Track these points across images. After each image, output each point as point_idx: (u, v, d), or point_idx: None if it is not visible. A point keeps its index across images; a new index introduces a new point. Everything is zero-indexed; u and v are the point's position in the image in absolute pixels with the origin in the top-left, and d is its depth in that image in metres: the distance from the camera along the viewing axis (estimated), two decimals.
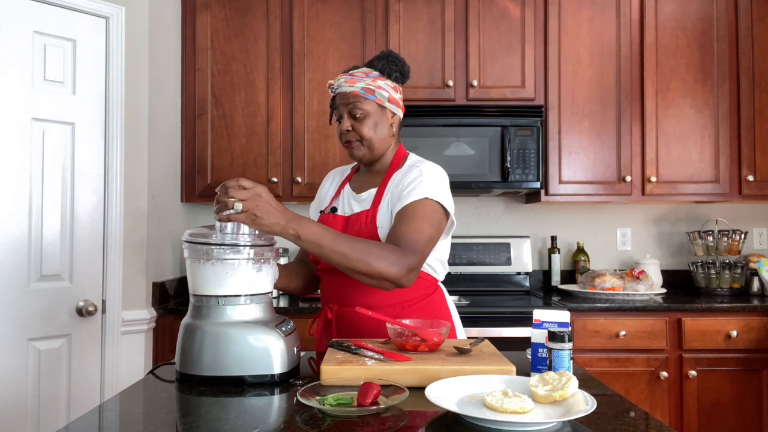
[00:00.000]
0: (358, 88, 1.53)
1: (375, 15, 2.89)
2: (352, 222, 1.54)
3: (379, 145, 1.57)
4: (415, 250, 1.36)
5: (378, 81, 1.55)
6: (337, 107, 1.57)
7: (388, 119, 1.58)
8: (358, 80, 1.54)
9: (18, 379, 2.06)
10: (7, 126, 2.07)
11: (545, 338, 1.17)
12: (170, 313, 2.56)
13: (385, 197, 1.54)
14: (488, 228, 3.25)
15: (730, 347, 2.54)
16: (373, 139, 1.55)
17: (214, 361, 1.19)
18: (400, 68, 1.58)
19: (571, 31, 2.91)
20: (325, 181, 1.78)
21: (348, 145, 1.58)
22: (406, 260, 1.33)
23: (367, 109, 1.54)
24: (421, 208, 1.44)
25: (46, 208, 2.16)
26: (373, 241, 1.37)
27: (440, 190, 1.50)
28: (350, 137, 1.56)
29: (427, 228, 1.42)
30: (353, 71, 1.57)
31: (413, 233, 1.39)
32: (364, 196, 1.59)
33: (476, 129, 2.80)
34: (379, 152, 1.59)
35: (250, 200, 1.17)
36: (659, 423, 0.99)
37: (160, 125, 2.64)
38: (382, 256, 1.30)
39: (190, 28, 2.88)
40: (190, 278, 1.27)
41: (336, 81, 1.58)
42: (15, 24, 2.09)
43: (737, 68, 2.91)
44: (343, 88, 1.55)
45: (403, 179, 1.52)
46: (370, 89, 1.54)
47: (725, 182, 2.89)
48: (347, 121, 1.55)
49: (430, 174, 1.51)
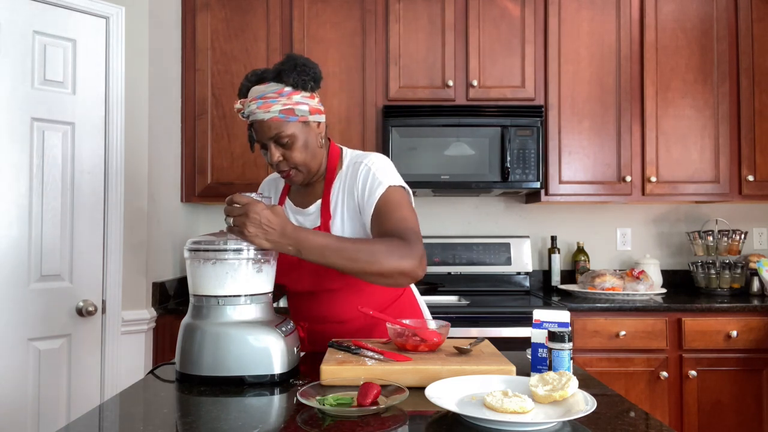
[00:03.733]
0: (276, 113, 1.37)
1: (375, 15, 2.89)
2: None
3: (315, 163, 1.46)
4: (417, 235, 1.33)
5: (294, 96, 1.39)
6: (257, 137, 1.41)
7: (314, 133, 1.44)
8: (272, 102, 1.37)
9: (18, 379, 2.06)
10: (7, 126, 2.07)
11: (545, 338, 1.17)
12: (170, 313, 2.56)
13: (335, 207, 1.46)
14: (488, 228, 3.25)
15: (730, 347, 2.54)
16: (307, 162, 1.43)
17: (214, 361, 1.19)
18: (312, 76, 1.41)
19: (571, 31, 2.91)
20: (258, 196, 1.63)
21: (285, 176, 1.45)
22: (414, 249, 1.29)
23: (293, 133, 1.39)
24: (391, 198, 1.39)
25: (46, 208, 2.16)
26: (377, 239, 1.33)
27: (394, 174, 1.45)
28: (283, 167, 1.43)
29: (408, 213, 1.39)
30: (264, 93, 1.38)
31: (403, 222, 1.35)
32: (311, 210, 1.49)
33: (476, 129, 2.80)
34: (316, 169, 1.48)
35: (240, 218, 1.19)
36: (659, 423, 0.99)
37: (160, 125, 2.64)
38: (391, 251, 1.26)
39: (190, 28, 2.88)
40: (190, 278, 1.27)
41: (246, 107, 1.40)
42: (15, 24, 2.09)
43: (737, 68, 2.91)
44: (257, 115, 1.38)
45: (354, 182, 1.44)
46: (289, 110, 1.38)
47: (725, 182, 2.89)
48: (276, 152, 1.40)
49: (378, 165, 1.45)
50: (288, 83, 1.39)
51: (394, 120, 2.78)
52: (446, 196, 3.21)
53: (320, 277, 1.45)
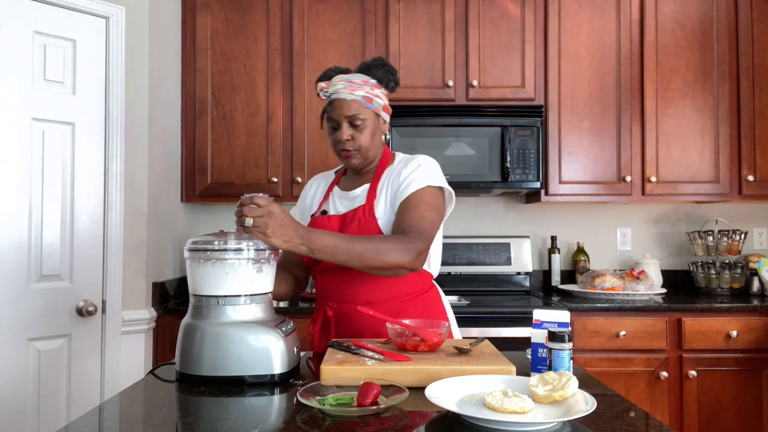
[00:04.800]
0: (359, 96, 1.53)
1: (375, 15, 2.89)
2: (348, 219, 1.55)
3: (373, 153, 1.60)
4: (422, 234, 1.43)
5: (375, 90, 1.56)
6: (333, 114, 1.55)
7: (380, 127, 1.60)
8: (358, 88, 1.53)
9: (18, 379, 2.06)
10: (7, 126, 2.07)
11: (545, 338, 1.17)
12: (170, 313, 2.56)
13: (381, 190, 1.56)
14: (488, 228, 3.25)
15: (730, 347, 2.54)
16: (369, 147, 1.57)
17: (214, 361, 1.19)
18: (395, 78, 1.60)
19: (571, 31, 2.91)
20: (309, 187, 1.76)
21: (345, 154, 1.57)
22: (414, 245, 1.40)
23: (366, 118, 1.54)
24: (422, 196, 1.50)
25: (46, 208, 2.16)
26: (381, 236, 1.45)
27: (439, 175, 1.57)
28: (350, 146, 1.55)
29: (430, 213, 1.49)
30: (351, 77, 1.55)
31: (417, 220, 1.46)
32: (357, 192, 1.60)
33: (476, 129, 2.80)
34: (372, 159, 1.61)
35: (262, 218, 1.23)
36: (659, 423, 0.99)
37: (160, 125, 2.64)
38: (392, 248, 1.37)
39: (190, 28, 2.88)
40: (190, 278, 1.27)
41: (332, 86, 1.55)
42: (15, 24, 2.09)
43: (737, 68, 2.91)
44: (342, 94, 1.53)
45: (402, 171, 1.56)
46: (369, 98, 1.54)
47: (725, 182, 2.89)
48: (347, 130, 1.54)
49: (426, 162, 1.58)
50: (374, 77, 1.57)
51: (394, 120, 2.78)
52: None
53: None
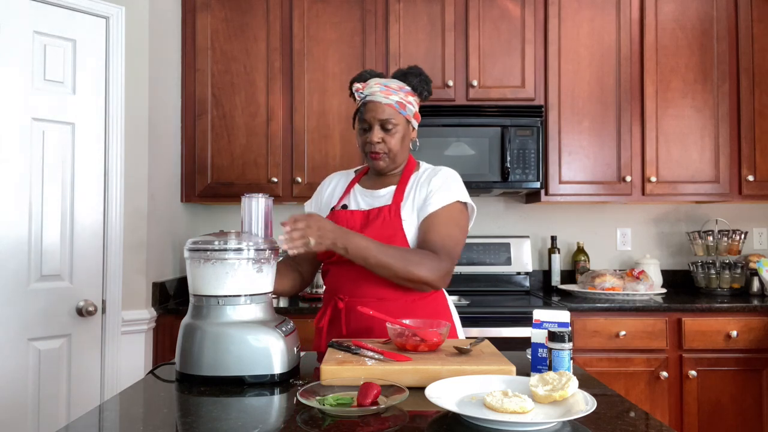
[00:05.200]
0: (393, 101, 1.56)
1: (375, 15, 2.89)
2: (372, 216, 1.57)
3: (401, 158, 1.63)
4: (450, 255, 1.51)
5: (409, 97, 1.59)
6: (366, 115, 1.58)
7: (410, 133, 1.64)
8: (393, 93, 1.56)
9: (18, 379, 2.06)
10: (7, 126, 2.07)
11: (545, 338, 1.17)
12: (170, 313, 2.56)
13: (408, 193, 1.60)
14: (488, 228, 3.25)
15: (730, 347, 2.54)
16: (398, 152, 1.60)
17: (214, 361, 1.19)
18: (429, 88, 1.64)
19: (571, 31, 2.91)
20: (328, 182, 1.77)
21: (374, 156, 1.59)
22: (442, 265, 1.49)
23: (398, 123, 1.58)
24: (451, 212, 1.56)
25: (46, 208, 2.16)
26: (411, 249, 1.51)
27: (464, 190, 1.62)
28: (379, 149, 1.58)
29: (456, 232, 1.56)
30: (387, 82, 1.58)
31: (446, 238, 1.52)
32: (382, 192, 1.63)
33: (476, 129, 2.80)
34: (399, 164, 1.65)
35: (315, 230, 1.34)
36: (659, 423, 0.99)
37: (160, 125, 2.64)
38: (422, 263, 1.46)
39: (190, 28, 2.88)
40: (190, 278, 1.27)
41: (368, 87, 1.58)
42: (15, 24, 2.09)
43: (737, 68, 2.91)
44: (377, 97, 1.56)
45: (430, 180, 1.60)
46: (403, 104, 1.58)
47: (725, 182, 2.89)
48: (379, 133, 1.57)
49: (453, 176, 1.64)
50: (410, 84, 1.60)
51: None
52: None
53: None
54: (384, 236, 1.52)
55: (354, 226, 1.56)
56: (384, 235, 1.52)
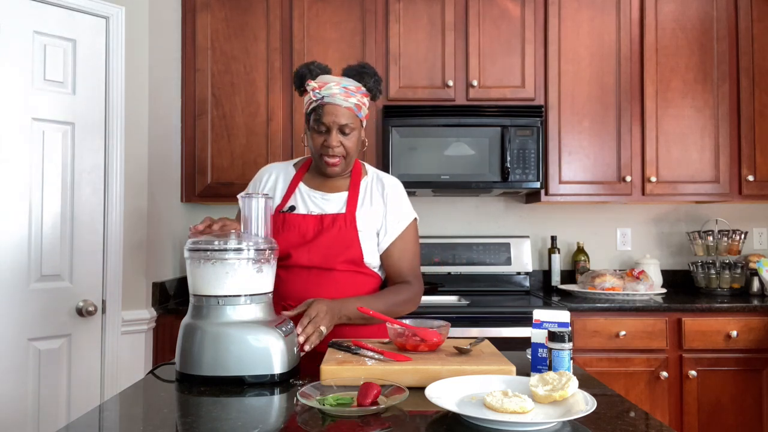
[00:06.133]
0: (352, 104, 1.53)
1: (375, 15, 2.89)
2: (327, 223, 1.57)
3: (353, 159, 1.62)
4: (420, 277, 1.68)
5: (364, 98, 1.57)
6: (325, 119, 1.52)
7: (361, 137, 1.62)
8: (351, 95, 1.53)
9: (18, 379, 2.06)
10: (7, 126, 2.07)
11: (545, 338, 1.17)
12: (170, 313, 2.56)
13: (361, 202, 1.62)
14: (488, 228, 3.25)
15: (730, 347, 2.54)
16: (353, 155, 1.60)
17: (214, 361, 1.19)
18: (380, 89, 1.62)
19: (571, 31, 2.91)
20: (265, 175, 1.70)
21: (330, 161, 1.56)
22: (418, 291, 1.65)
23: (356, 126, 1.56)
24: (411, 234, 1.66)
25: (46, 208, 2.16)
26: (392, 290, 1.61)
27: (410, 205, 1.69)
28: (338, 152, 1.55)
29: (418, 248, 1.70)
30: (346, 83, 1.54)
31: (414, 262, 1.66)
32: (332, 197, 1.62)
33: (476, 129, 2.80)
34: (350, 167, 1.64)
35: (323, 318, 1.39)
36: (659, 423, 0.99)
37: (160, 125, 2.63)
38: (407, 301, 1.61)
39: (190, 28, 2.88)
40: (190, 278, 1.27)
41: (326, 88, 1.52)
42: (15, 24, 2.09)
43: (737, 68, 2.91)
44: (337, 99, 1.51)
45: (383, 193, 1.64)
46: (360, 106, 1.56)
47: (725, 182, 2.89)
48: (338, 137, 1.54)
49: (403, 191, 1.69)
50: (365, 85, 1.58)
51: (394, 120, 2.78)
52: (446, 196, 3.21)
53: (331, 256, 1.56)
54: (339, 246, 1.55)
55: (307, 232, 1.56)
56: (339, 244, 1.55)
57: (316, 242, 1.56)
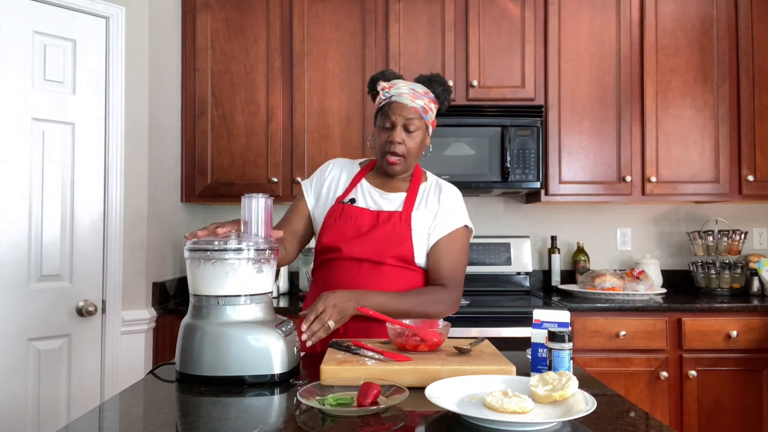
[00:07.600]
0: (419, 105, 1.59)
1: (375, 15, 2.89)
2: (383, 218, 1.60)
3: (413, 163, 1.67)
4: (459, 284, 1.62)
5: (431, 104, 1.63)
6: (389, 115, 1.59)
7: (425, 140, 1.66)
8: (419, 97, 1.59)
9: (18, 379, 2.06)
10: (7, 126, 2.07)
11: (545, 338, 1.17)
12: (170, 313, 2.56)
13: (418, 203, 1.64)
14: (488, 228, 3.25)
15: (730, 347, 2.54)
16: (414, 155, 1.64)
17: (214, 361, 1.19)
18: (449, 99, 1.68)
19: (571, 31, 2.91)
20: (331, 167, 1.74)
21: (391, 159, 1.60)
22: (453, 296, 1.58)
23: (420, 126, 1.61)
24: (460, 239, 1.64)
25: (46, 208, 2.16)
26: (424, 290, 1.58)
27: (467, 215, 1.68)
28: (399, 150, 1.59)
29: (464, 257, 1.65)
30: (414, 85, 1.61)
31: (456, 267, 1.61)
32: (392, 197, 1.65)
33: (476, 129, 2.80)
34: (410, 168, 1.68)
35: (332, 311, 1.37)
36: (659, 423, 0.99)
37: (160, 125, 2.63)
38: (437, 302, 1.55)
39: (190, 28, 2.88)
40: (190, 278, 1.27)
41: (395, 88, 1.59)
42: (15, 24, 2.09)
43: (737, 68, 2.91)
44: (404, 99, 1.58)
45: (440, 196, 1.65)
46: (426, 109, 1.61)
47: (725, 182, 2.89)
48: (401, 134, 1.59)
49: (460, 198, 1.70)
50: (434, 92, 1.64)
51: None
52: None
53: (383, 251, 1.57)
54: (392, 241, 1.57)
55: (362, 225, 1.59)
56: (392, 240, 1.57)
57: (369, 236, 1.58)
